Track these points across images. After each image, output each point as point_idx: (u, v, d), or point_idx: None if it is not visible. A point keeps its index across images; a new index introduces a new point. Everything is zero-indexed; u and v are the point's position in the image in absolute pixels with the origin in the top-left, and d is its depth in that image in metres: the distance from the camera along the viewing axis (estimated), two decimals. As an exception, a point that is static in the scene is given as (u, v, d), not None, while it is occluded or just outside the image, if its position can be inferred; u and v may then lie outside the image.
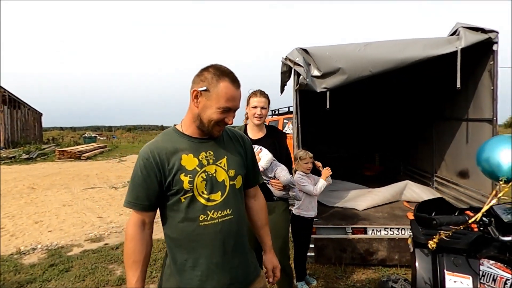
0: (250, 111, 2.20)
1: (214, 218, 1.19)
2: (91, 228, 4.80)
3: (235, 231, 1.25)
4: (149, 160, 1.15)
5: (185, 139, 1.22)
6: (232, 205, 1.24)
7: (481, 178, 3.25)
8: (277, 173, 2.15)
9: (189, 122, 1.23)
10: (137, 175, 1.16)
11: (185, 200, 1.17)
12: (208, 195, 1.19)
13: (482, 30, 2.82)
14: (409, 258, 3.05)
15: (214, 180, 1.21)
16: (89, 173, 10.65)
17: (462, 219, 1.36)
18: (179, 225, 1.18)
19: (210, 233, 1.18)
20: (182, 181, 1.15)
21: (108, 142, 27.59)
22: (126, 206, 1.18)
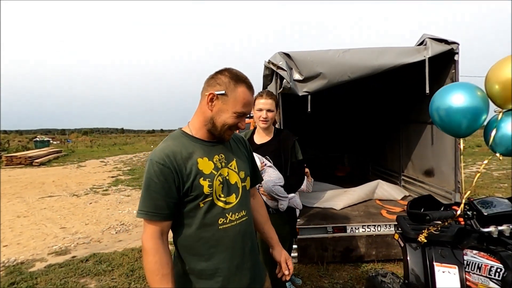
0: (255, 114, 2.06)
1: (233, 220, 1.18)
2: (54, 240, 4.41)
3: (250, 232, 1.28)
4: (166, 165, 1.10)
5: (198, 143, 1.19)
6: (246, 206, 1.26)
7: (444, 176, 3.56)
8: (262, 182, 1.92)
9: (200, 125, 1.20)
10: (152, 182, 1.09)
11: (204, 205, 1.14)
12: (225, 198, 1.18)
13: (445, 41, 3.10)
14: (386, 253, 3.29)
15: (228, 183, 1.20)
16: (45, 180, 9.77)
17: (451, 213, 1.48)
18: (197, 232, 1.14)
19: (230, 236, 1.17)
20: (202, 185, 1.12)
21: (63, 146, 25.55)
22: (143, 217, 1.10)
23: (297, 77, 3.13)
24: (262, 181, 1.56)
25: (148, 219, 1.10)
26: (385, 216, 3.49)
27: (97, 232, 4.72)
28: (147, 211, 1.09)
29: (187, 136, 1.20)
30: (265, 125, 2.04)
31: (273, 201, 2.03)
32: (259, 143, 2.08)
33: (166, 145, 1.17)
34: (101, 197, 7.21)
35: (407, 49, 3.13)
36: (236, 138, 1.38)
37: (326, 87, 3.14)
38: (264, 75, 3.36)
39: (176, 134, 1.23)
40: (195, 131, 1.21)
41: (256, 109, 2.05)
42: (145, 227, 1.11)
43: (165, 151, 1.13)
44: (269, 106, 2.02)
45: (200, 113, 1.20)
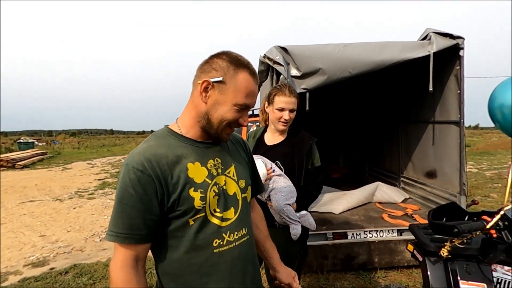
0: (273, 114, 1.72)
1: (231, 241, 0.96)
2: (32, 250, 4.07)
3: (253, 254, 1.04)
4: (146, 172, 0.86)
5: (188, 144, 0.96)
6: (247, 222, 1.04)
7: (447, 177, 3.40)
8: (271, 195, 1.64)
9: (191, 122, 0.97)
10: (127, 194, 0.85)
11: (195, 223, 0.90)
12: (222, 213, 0.94)
13: (450, 36, 2.94)
14: (389, 260, 3.10)
15: (225, 194, 0.97)
16: (27, 184, 9.30)
17: (481, 225, 1.29)
18: (186, 257, 0.90)
19: (228, 261, 0.94)
20: (192, 198, 0.89)
21: (48, 148, 24.76)
22: (113, 241, 0.86)
23: (295, 73, 2.92)
24: (264, 190, 1.31)
25: (119, 243, 0.86)
26: (387, 220, 3.32)
27: (80, 240, 4.40)
28: (119, 232, 0.85)
29: (175, 136, 0.97)
30: (284, 127, 1.73)
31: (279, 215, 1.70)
32: (270, 144, 1.78)
33: (148, 145, 0.92)
34: (86, 201, 6.85)
35: (410, 43, 2.95)
36: (234, 139, 1.15)
37: (326, 84, 2.93)
38: (259, 70, 3.14)
39: (161, 133, 0.98)
40: (185, 130, 0.98)
41: (276, 108, 1.70)
42: (115, 252, 0.87)
43: (146, 154, 0.88)
44: (292, 106, 1.69)
45: (192, 107, 0.97)
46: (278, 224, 1.72)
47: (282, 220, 1.67)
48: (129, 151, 7.53)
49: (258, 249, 1.22)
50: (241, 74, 0.92)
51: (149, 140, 0.95)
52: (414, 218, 3.34)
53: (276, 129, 1.76)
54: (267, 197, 1.67)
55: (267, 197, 1.67)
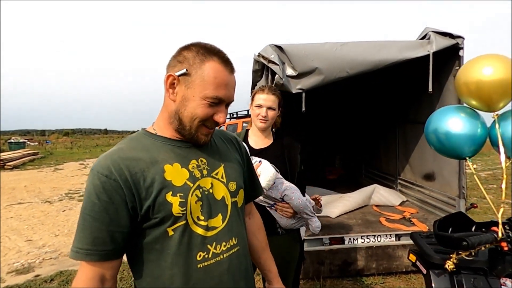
0: (253, 111, 1.71)
1: (218, 253, 0.84)
2: (17, 256, 3.91)
3: (245, 268, 0.91)
4: (111, 177, 0.75)
5: (166, 143, 0.85)
6: (237, 231, 0.91)
7: (446, 180, 3.33)
8: (286, 194, 1.59)
9: (165, 124, 0.87)
10: (91, 203, 0.74)
11: (175, 233, 0.79)
12: (207, 221, 0.83)
13: (450, 35, 2.86)
14: (386, 266, 3.01)
15: (211, 199, 0.85)
16: (16, 185, 9.07)
17: (491, 237, 1.20)
18: (167, 274, 0.79)
19: (214, 277, 0.83)
20: (169, 203, 0.78)
21: (40, 148, 24.37)
22: (74, 258, 0.75)
23: (291, 72, 2.81)
24: (262, 193, 1.21)
25: (80, 259, 0.75)
26: (385, 224, 3.23)
27: (68, 245, 4.24)
28: (80, 248, 0.74)
29: (150, 136, 0.87)
30: (263, 125, 1.68)
31: (291, 220, 1.65)
32: (257, 147, 1.73)
33: (118, 148, 0.81)
34: (77, 203, 6.67)
35: (410, 43, 2.86)
36: (226, 137, 1.03)
37: (323, 84, 2.83)
38: (254, 70, 3.03)
39: (135, 135, 0.88)
40: (160, 132, 0.87)
41: (255, 105, 1.70)
42: (78, 271, 0.77)
43: (113, 157, 0.78)
44: (270, 103, 1.67)
45: (164, 107, 0.87)
46: (281, 230, 1.67)
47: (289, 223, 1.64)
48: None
49: (255, 260, 1.11)
50: (209, 63, 0.80)
51: (121, 143, 0.85)
52: (412, 222, 3.26)
53: (256, 126, 1.72)
54: (278, 197, 1.61)
55: (278, 197, 1.61)
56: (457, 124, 1.57)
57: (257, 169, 1.56)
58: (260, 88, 1.73)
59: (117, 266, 0.80)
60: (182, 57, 0.82)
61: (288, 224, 1.65)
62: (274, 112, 1.69)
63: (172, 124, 0.85)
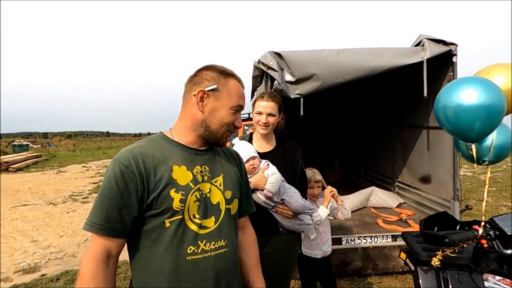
0: (254, 118, 1.78)
1: (206, 250, 0.95)
2: (23, 256, 4.01)
3: (229, 269, 1.01)
4: (130, 167, 0.88)
5: (178, 148, 1.00)
6: (227, 235, 1.02)
7: (442, 183, 3.41)
8: (285, 198, 1.69)
9: (187, 131, 1.02)
10: (109, 186, 0.87)
11: (171, 225, 0.90)
12: (201, 220, 0.95)
13: (443, 42, 2.96)
14: (382, 266, 3.09)
15: (208, 202, 0.97)
16: (20, 187, 9.19)
17: (472, 234, 1.28)
18: (159, 261, 0.90)
19: (200, 271, 0.93)
20: (172, 198, 0.91)
21: (43, 150, 24.55)
22: (88, 230, 0.87)
23: (289, 78, 2.92)
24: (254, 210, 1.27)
25: (92, 232, 0.86)
26: (381, 225, 3.31)
27: (72, 246, 4.34)
28: (94, 223, 0.86)
29: (166, 140, 1.02)
30: (264, 131, 1.75)
31: (293, 220, 1.74)
32: (261, 151, 1.80)
33: (138, 145, 0.95)
34: (80, 205, 6.77)
35: (404, 50, 2.97)
36: (228, 152, 1.16)
37: (320, 89, 2.94)
38: (254, 76, 3.14)
39: (154, 136, 1.02)
40: (178, 137, 1.01)
41: (255, 112, 1.77)
42: (89, 245, 0.88)
43: (134, 151, 0.92)
44: (270, 110, 1.74)
45: (187, 117, 1.01)
46: (283, 230, 1.75)
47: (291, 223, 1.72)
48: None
49: (243, 277, 1.18)
50: (231, 81, 1.02)
51: (141, 141, 0.99)
52: (409, 224, 3.35)
53: (258, 132, 1.81)
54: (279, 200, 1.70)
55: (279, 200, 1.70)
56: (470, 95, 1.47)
57: (265, 171, 1.65)
58: (260, 95, 1.80)
59: (121, 245, 0.91)
60: (207, 76, 1.00)
61: (290, 226, 1.74)
62: (274, 118, 1.76)
63: (197, 131, 1.00)
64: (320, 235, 2.18)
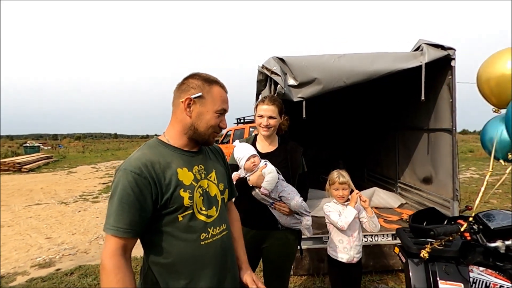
0: (256, 121, 1.90)
1: (215, 234, 1.14)
2: (39, 252, 4.21)
3: (230, 246, 1.23)
4: (142, 175, 1.00)
5: (176, 152, 1.13)
6: (225, 219, 1.22)
7: (442, 184, 3.49)
8: (283, 196, 1.78)
9: (179, 134, 1.15)
10: (126, 194, 0.98)
11: (183, 219, 1.06)
12: (207, 211, 1.12)
13: (442, 47, 3.05)
14: (383, 264, 3.18)
15: (208, 195, 1.14)
16: (33, 187, 9.49)
17: (456, 228, 1.39)
18: (176, 248, 1.05)
19: (211, 252, 1.12)
20: (182, 197, 1.06)
21: (54, 152, 25.10)
22: (115, 234, 0.98)
23: (292, 82, 3.05)
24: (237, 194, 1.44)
25: (118, 235, 0.98)
26: (383, 225, 3.40)
27: (84, 243, 4.53)
28: (119, 227, 0.98)
29: (164, 145, 1.14)
30: (266, 133, 1.86)
31: (289, 218, 1.82)
32: (263, 152, 1.91)
33: (142, 153, 1.08)
34: (91, 204, 6.99)
35: (403, 54, 3.07)
36: (214, 149, 1.34)
37: (322, 93, 3.06)
38: (258, 80, 3.28)
39: (152, 143, 1.15)
40: (173, 141, 1.15)
41: (257, 115, 1.88)
42: (108, 243, 0.99)
43: (142, 160, 1.04)
44: (270, 113, 1.84)
45: (177, 122, 1.15)
46: (282, 226, 1.84)
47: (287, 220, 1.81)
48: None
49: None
50: (215, 87, 1.14)
51: (143, 149, 1.11)
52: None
53: (260, 134, 1.92)
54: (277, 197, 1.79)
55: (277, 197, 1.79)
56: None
57: (263, 170, 1.76)
58: (261, 100, 1.92)
59: (136, 241, 1.04)
60: (193, 84, 1.12)
61: (287, 223, 1.82)
62: (275, 120, 1.86)
63: (187, 134, 1.14)
64: (348, 239, 2.11)
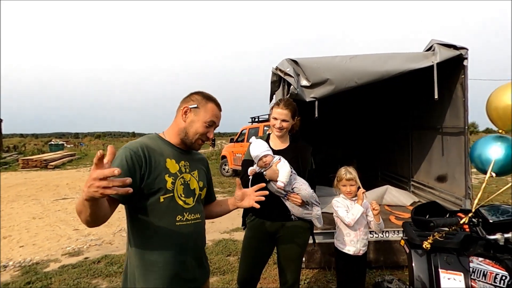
0: (271, 122, 2.06)
1: (189, 219, 1.32)
2: (68, 242, 4.54)
3: (202, 233, 1.43)
4: (138, 153, 1.22)
5: (169, 146, 1.35)
6: (200, 210, 1.41)
7: (455, 182, 3.52)
8: (296, 187, 1.92)
9: (174, 135, 1.37)
10: (121, 164, 1.17)
11: (164, 200, 1.25)
12: (185, 199, 1.31)
13: (454, 46, 3.09)
14: (394, 259, 3.26)
15: (188, 187, 1.34)
16: (59, 183, 10.05)
17: (455, 220, 1.49)
18: (155, 224, 1.24)
19: (184, 233, 1.29)
20: (166, 181, 1.25)
21: (76, 149, 26.21)
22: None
23: (305, 83, 3.17)
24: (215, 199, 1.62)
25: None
26: (394, 222, 3.47)
27: (109, 234, 4.83)
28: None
29: (161, 139, 1.37)
30: (279, 134, 2.03)
31: (301, 208, 1.96)
32: (276, 149, 2.06)
33: (142, 140, 1.31)
34: (113, 200, 7.37)
35: (414, 54, 3.13)
36: (199, 157, 1.53)
37: (334, 93, 3.17)
38: (272, 81, 3.42)
39: (152, 136, 1.38)
40: (169, 138, 1.38)
41: (272, 117, 2.04)
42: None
43: (140, 143, 1.27)
44: (284, 117, 1.99)
45: (175, 125, 1.37)
46: (294, 217, 1.99)
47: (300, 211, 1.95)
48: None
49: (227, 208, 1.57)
50: (210, 104, 1.37)
51: (143, 138, 1.36)
52: (421, 221, 3.48)
53: (273, 134, 2.09)
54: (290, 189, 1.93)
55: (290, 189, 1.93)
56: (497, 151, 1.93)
57: (277, 165, 1.91)
58: (276, 103, 2.07)
59: (117, 206, 1.17)
60: (194, 97, 1.37)
61: (299, 213, 1.96)
62: (287, 123, 2.02)
63: (180, 135, 1.36)
64: (354, 232, 2.23)
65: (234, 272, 3.32)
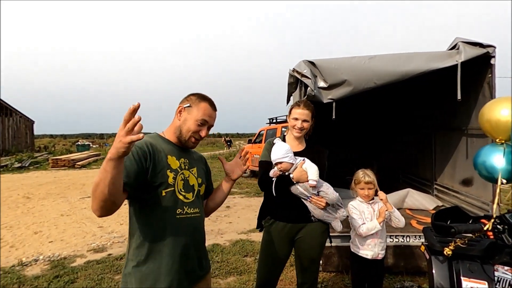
0: (290, 122, 2.05)
1: (189, 213, 1.39)
2: (93, 238, 4.75)
3: (200, 228, 1.49)
4: (143, 149, 1.28)
5: (169, 144, 1.43)
6: (199, 206, 1.47)
7: (482, 186, 3.36)
8: (322, 190, 1.92)
9: (172, 133, 1.46)
10: (128, 158, 1.22)
11: (166, 194, 1.32)
12: (185, 193, 1.38)
13: (480, 44, 2.95)
14: (415, 265, 3.16)
15: (188, 182, 1.40)
16: (85, 181, 10.52)
17: (478, 227, 1.43)
18: (157, 216, 1.30)
19: (183, 226, 1.36)
20: (167, 176, 1.33)
21: (101, 150, 27.31)
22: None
23: (322, 84, 3.15)
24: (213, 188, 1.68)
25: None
26: (415, 226, 3.36)
27: (131, 232, 5.01)
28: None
29: (161, 138, 1.45)
30: (299, 134, 2.04)
31: (323, 211, 1.96)
32: (293, 150, 2.04)
33: (144, 138, 1.36)
34: (135, 199, 7.62)
35: (437, 53, 3.02)
36: (198, 156, 1.60)
37: (351, 94, 3.12)
38: (289, 83, 3.42)
39: (153, 135, 1.46)
40: (168, 136, 1.47)
41: (292, 118, 2.04)
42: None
43: (145, 140, 1.34)
44: (305, 117, 2.01)
45: (172, 124, 1.47)
46: (315, 218, 2.00)
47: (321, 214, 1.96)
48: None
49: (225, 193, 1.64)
50: (203, 103, 1.42)
51: (146, 137, 1.41)
52: (444, 226, 3.35)
53: (292, 134, 2.08)
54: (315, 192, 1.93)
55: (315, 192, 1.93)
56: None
57: (302, 165, 1.92)
58: (296, 103, 2.07)
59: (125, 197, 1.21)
60: (189, 98, 1.44)
61: (321, 216, 1.97)
62: (308, 124, 2.04)
63: (175, 134, 1.43)
64: (372, 237, 2.20)
65: (250, 273, 3.34)
